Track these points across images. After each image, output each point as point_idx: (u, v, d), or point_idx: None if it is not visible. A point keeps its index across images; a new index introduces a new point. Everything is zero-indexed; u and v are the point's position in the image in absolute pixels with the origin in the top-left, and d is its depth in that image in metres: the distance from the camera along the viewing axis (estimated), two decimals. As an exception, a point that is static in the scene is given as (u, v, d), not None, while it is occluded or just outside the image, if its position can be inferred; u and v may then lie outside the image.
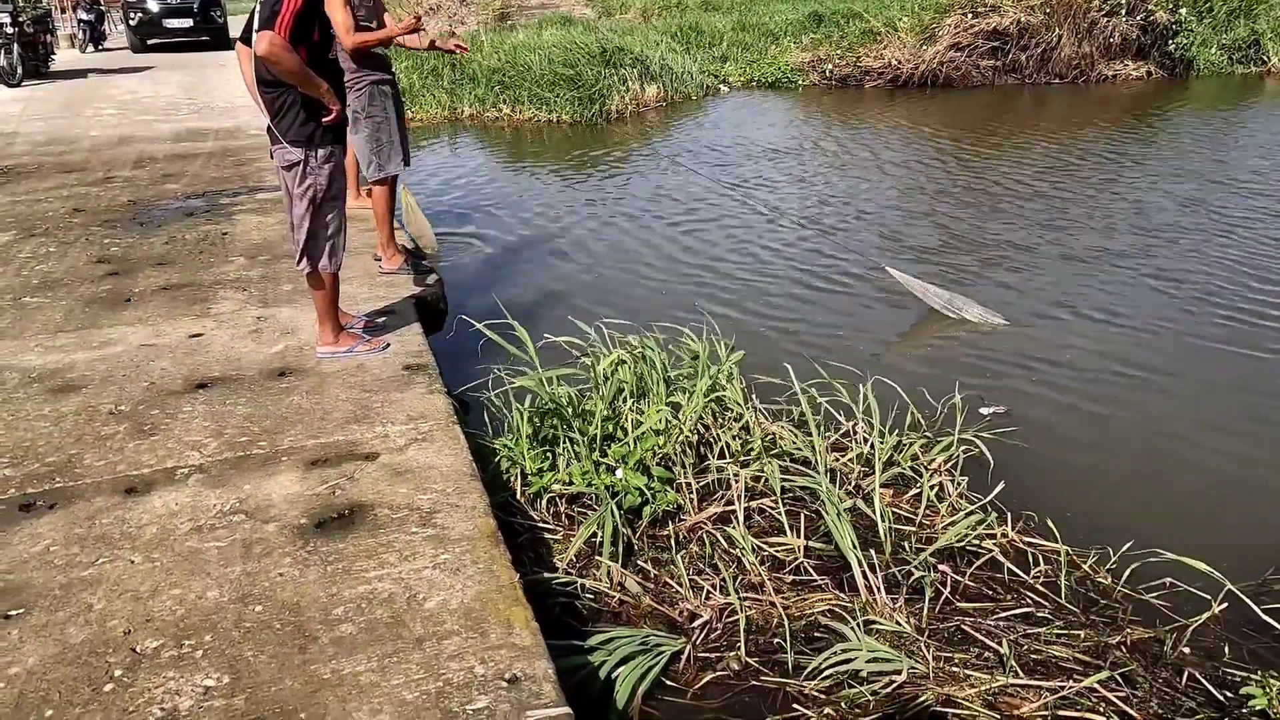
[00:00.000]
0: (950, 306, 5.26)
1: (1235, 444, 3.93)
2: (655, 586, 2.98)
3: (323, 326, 3.77)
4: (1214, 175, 8.54)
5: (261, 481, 2.83)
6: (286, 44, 3.22)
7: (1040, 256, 6.38)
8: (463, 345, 4.65)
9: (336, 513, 2.65)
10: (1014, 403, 4.26)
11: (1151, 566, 2.98)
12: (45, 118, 10.60)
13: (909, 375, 4.45)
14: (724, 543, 3.15)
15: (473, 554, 2.45)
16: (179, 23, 18.60)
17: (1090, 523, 3.32)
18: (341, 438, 3.11)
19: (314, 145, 3.48)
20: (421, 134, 11.86)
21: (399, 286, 4.72)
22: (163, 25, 18.57)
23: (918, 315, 5.30)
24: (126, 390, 3.52)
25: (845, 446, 3.76)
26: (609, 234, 7.17)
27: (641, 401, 3.75)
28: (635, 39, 14.03)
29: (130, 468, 2.94)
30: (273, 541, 2.52)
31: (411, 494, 2.74)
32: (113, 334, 4.12)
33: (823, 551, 3.15)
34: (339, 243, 3.69)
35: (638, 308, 5.55)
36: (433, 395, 3.41)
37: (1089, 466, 3.79)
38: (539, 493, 3.35)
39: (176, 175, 7.49)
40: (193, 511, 2.68)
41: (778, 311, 5.51)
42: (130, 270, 5.03)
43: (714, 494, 3.46)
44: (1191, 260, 6.22)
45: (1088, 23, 14.20)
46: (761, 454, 3.55)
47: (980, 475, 3.59)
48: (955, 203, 7.81)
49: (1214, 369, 4.63)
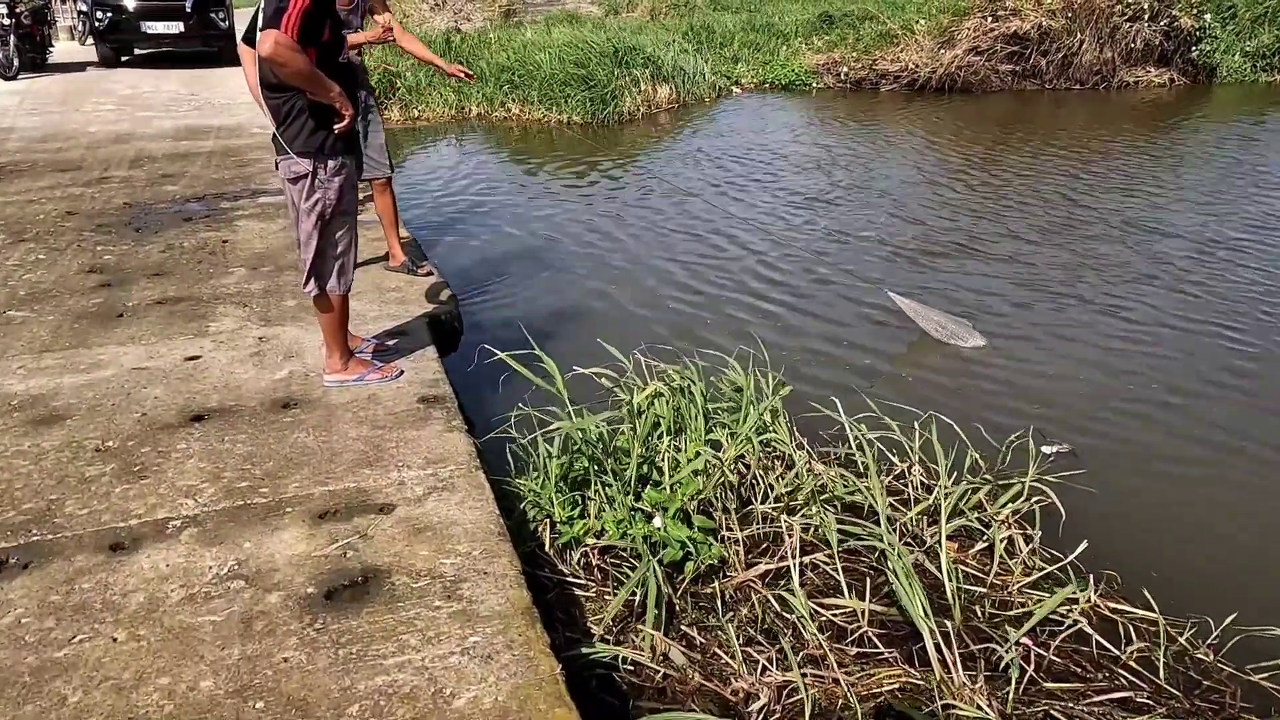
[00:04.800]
0: (948, 332, 4.92)
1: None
2: (703, 657, 2.66)
3: (330, 352, 3.45)
4: (1240, 188, 8.23)
5: (263, 538, 2.51)
6: (294, 44, 2.90)
7: (1077, 277, 6.06)
8: (480, 369, 4.33)
9: (349, 580, 2.34)
10: (1077, 441, 3.94)
11: (1257, 641, 2.67)
12: (42, 112, 10.26)
13: (956, 409, 4.14)
14: (776, 605, 2.83)
15: (505, 635, 2.13)
16: (164, 26, 13.49)
17: (1179, 585, 3.00)
18: (352, 484, 2.79)
19: (323, 156, 3.16)
20: (428, 133, 11.54)
21: (410, 304, 4.40)
22: (140, 29, 13.49)
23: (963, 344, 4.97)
24: (115, 422, 3.20)
25: (900, 490, 3.45)
26: (626, 245, 6.84)
27: (679, 438, 3.44)
28: (647, 38, 13.69)
29: (116, 518, 2.63)
30: (276, 616, 2.20)
31: (433, 557, 2.43)
32: (103, 355, 3.80)
33: (886, 616, 2.84)
34: (349, 262, 3.36)
35: (665, 330, 5.24)
36: (452, 434, 3.09)
37: (1170, 518, 3.47)
38: (569, 543, 3.04)
39: (176, 176, 7.17)
40: (185, 575, 2.36)
41: (813, 334, 5.20)
42: (124, 281, 4.71)
43: (760, 545, 3.15)
44: (1242, 279, 5.91)
45: (1110, 28, 13.85)
46: (812, 499, 3.24)
47: (1047, 523, 3.27)
48: (973, 217, 7.48)
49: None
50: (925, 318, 4.97)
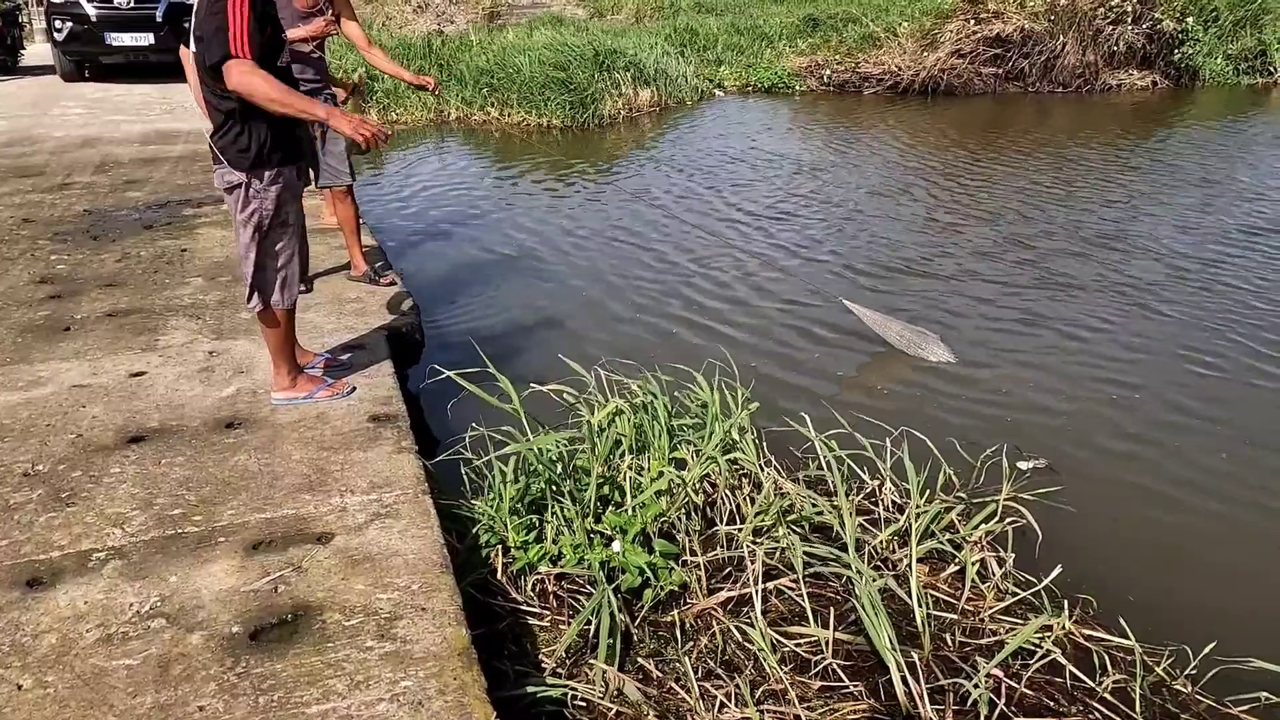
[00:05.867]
0: (910, 343, 4.80)
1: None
2: (659, 692, 2.53)
3: (277, 369, 3.31)
4: (1227, 191, 8.17)
5: (191, 572, 2.37)
6: (255, 67, 2.76)
7: (1054, 291, 5.97)
8: (441, 384, 4.19)
9: (278, 618, 2.19)
10: (1053, 455, 3.83)
11: (1238, 672, 2.56)
12: (9, 116, 10.06)
13: (929, 422, 4.03)
14: (738, 635, 2.71)
15: (439, 680, 1.99)
16: (132, 38, 11.98)
17: (1155, 610, 2.90)
18: (291, 511, 2.65)
19: (259, 165, 3.00)
20: (406, 137, 11.38)
21: (370, 315, 4.26)
22: (104, 41, 11.98)
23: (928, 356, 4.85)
24: (49, 445, 3.04)
25: (869, 510, 3.33)
26: (597, 256, 6.71)
27: (641, 457, 3.31)
28: (630, 40, 13.57)
29: (37, 549, 2.48)
30: (196, 659, 2.06)
31: (369, 591, 2.29)
32: (44, 371, 3.64)
33: (852, 645, 2.72)
34: (292, 275, 3.21)
35: (631, 343, 5.12)
36: (400, 455, 2.95)
37: (1147, 538, 3.36)
38: (524, 569, 2.91)
39: (140, 181, 7.00)
40: (103, 613, 2.22)
41: (779, 349, 5.08)
42: (74, 292, 4.55)
43: (723, 569, 3.02)
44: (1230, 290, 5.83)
45: (1093, 31, 13.83)
46: (779, 520, 3.11)
47: (1021, 543, 3.16)
48: (948, 229, 7.39)
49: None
50: (885, 328, 4.84)
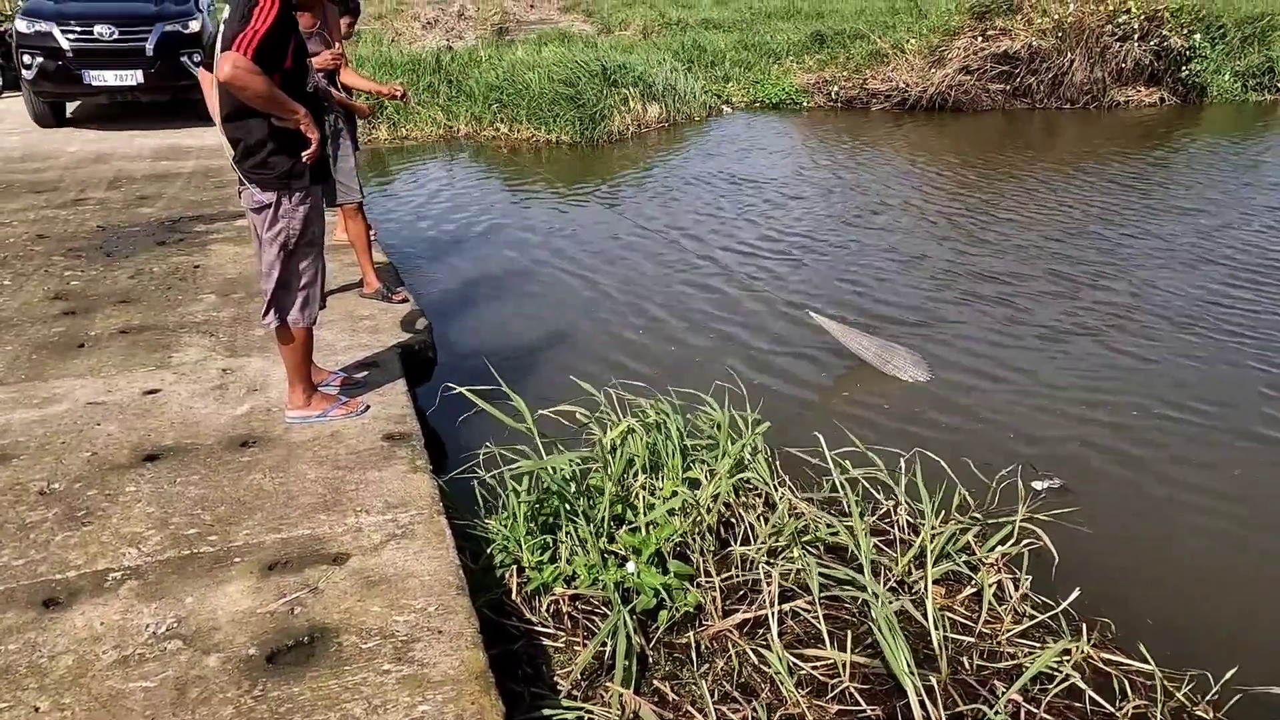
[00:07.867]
0: (883, 360, 4.78)
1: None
2: (675, 715, 2.52)
3: (293, 388, 3.31)
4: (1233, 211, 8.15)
5: (207, 592, 2.37)
6: (252, 65, 2.78)
7: (1066, 308, 5.96)
8: (454, 402, 4.18)
9: (294, 639, 2.19)
10: (1068, 475, 3.81)
11: (1261, 698, 2.54)
12: (23, 131, 10.12)
13: (943, 443, 4.01)
14: (754, 657, 2.69)
15: (458, 704, 1.98)
16: (116, 76, 9.47)
17: (1175, 633, 2.87)
18: (306, 531, 2.65)
19: (287, 186, 3.03)
20: (415, 152, 11.44)
21: (383, 333, 4.26)
22: (82, 79, 9.44)
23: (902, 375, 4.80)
24: (64, 463, 3.05)
25: (884, 530, 3.32)
26: (608, 274, 6.71)
27: (654, 476, 3.30)
28: (638, 56, 13.63)
29: (54, 569, 2.48)
30: (213, 682, 2.06)
31: (386, 613, 2.28)
32: (58, 388, 3.65)
33: (869, 669, 2.70)
34: (314, 294, 3.23)
35: (640, 361, 5.11)
36: (415, 475, 2.95)
37: (1166, 560, 3.34)
38: (538, 589, 2.90)
39: (153, 197, 7.04)
40: (120, 634, 2.22)
41: (791, 367, 5.07)
42: (88, 309, 4.57)
43: (739, 590, 3.01)
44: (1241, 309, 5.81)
45: (1100, 48, 13.84)
46: (794, 541, 3.10)
47: (1037, 564, 3.14)
48: (957, 247, 7.39)
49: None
50: (855, 341, 4.81)
